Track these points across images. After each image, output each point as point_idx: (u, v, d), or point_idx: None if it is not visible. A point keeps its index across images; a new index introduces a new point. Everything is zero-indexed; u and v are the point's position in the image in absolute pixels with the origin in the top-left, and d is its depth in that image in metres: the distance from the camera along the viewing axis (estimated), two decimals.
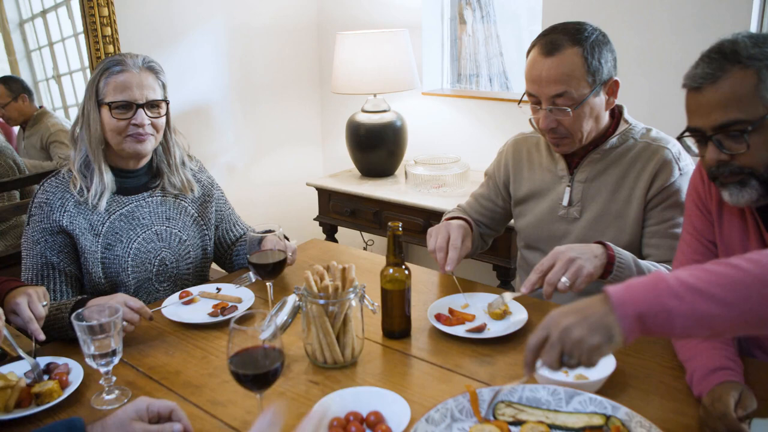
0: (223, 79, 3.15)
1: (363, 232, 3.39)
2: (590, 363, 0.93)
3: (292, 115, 3.48)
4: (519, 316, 1.48)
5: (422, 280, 1.77)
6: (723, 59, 1.13)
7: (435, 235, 1.61)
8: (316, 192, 3.08)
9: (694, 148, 1.24)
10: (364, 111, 2.98)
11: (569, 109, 1.51)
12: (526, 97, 1.61)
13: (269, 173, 3.43)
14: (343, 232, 3.25)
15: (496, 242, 2.42)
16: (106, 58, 1.61)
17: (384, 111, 2.97)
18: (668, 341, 1.37)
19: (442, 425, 1.09)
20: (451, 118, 3.11)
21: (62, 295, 1.61)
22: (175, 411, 1.09)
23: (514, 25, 3.39)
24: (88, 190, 1.61)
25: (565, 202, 1.66)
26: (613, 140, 1.61)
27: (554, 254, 1.39)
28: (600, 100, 1.56)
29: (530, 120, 1.61)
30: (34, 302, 1.35)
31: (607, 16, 2.46)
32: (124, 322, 1.42)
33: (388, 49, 2.84)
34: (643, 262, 1.47)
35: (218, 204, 1.85)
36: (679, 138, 1.25)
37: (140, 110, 1.59)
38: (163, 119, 1.67)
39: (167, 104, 1.67)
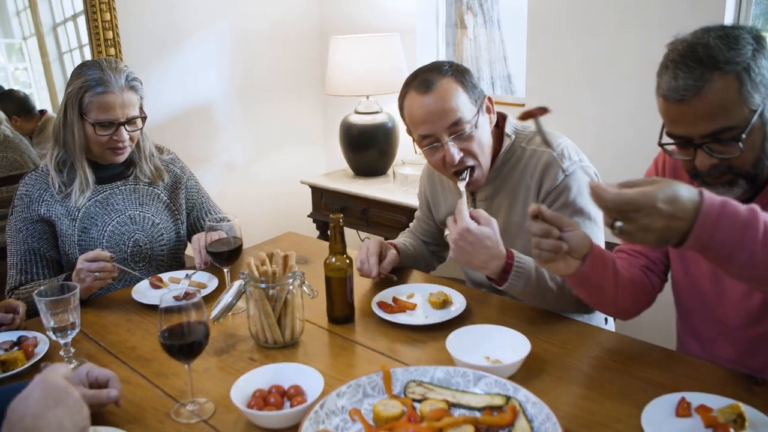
0: (226, 81, 3.29)
1: (359, 231, 3.49)
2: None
3: (293, 115, 3.60)
4: (457, 306, 1.56)
5: None
6: (701, 66, 1.11)
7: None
8: (310, 190, 3.19)
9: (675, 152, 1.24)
10: (356, 112, 3.08)
11: (469, 131, 1.54)
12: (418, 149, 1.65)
13: (270, 171, 3.55)
14: None
15: None
16: (86, 69, 1.71)
17: (376, 112, 3.07)
18: (596, 337, 1.44)
19: (353, 399, 1.18)
20: None
21: (44, 277, 1.76)
22: (112, 379, 1.19)
23: (520, 29, 3.45)
24: (65, 185, 1.75)
25: None
26: (502, 156, 1.65)
27: None
28: (485, 118, 1.60)
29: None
30: None
31: (591, 16, 2.52)
32: (97, 273, 1.59)
33: (379, 52, 2.94)
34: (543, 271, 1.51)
35: (190, 192, 1.97)
36: (661, 145, 1.24)
37: (121, 128, 1.73)
38: (138, 131, 1.80)
39: (144, 118, 1.80)
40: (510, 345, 1.33)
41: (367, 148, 3.07)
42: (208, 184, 3.29)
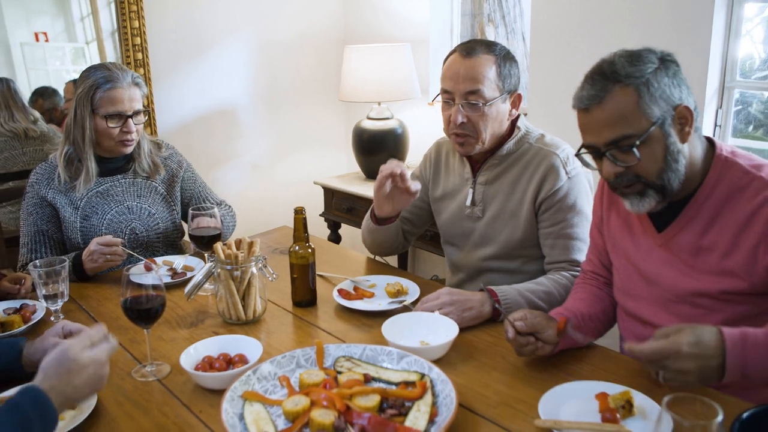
0: (249, 86, 3.49)
1: None
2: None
3: (315, 120, 3.78)
4: (411, 297, 1.68)
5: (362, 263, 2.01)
6: (604, 80, 1.24)
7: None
8: (323, 190, 3.37)
9: (592, 163, 1.37)
10: (368, 118, 3.23)
11: (480, 103, 1.66)
12: (440, 98, 1.76)
13: (291, 173, 3.73)
14: (348, 229, 3.50)
15: None
16: (93, 71, 1.90)
17: (387, 118, 3.21)
18: None
19: (286, 368, 1.32)
20: None
21: (50, 256, 1.95)
22: (85, 331, 1.38)
23: None
24: (71, 179, 1.95)
25: (468, 203, 1.82)
26: (509, 145, 1.75)
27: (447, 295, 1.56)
28: (505, 107, 1.72)
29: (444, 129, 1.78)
30: None
31: (595, 20, 2.58)
32: (108, 256, 1.80)
33: (391, 61, 3.08)
34: (528, 290, 1.62)
35: (186, 183, 2.14)
36: (577, 155, 1.37)
37: (129, 120, 1.92)
38: (143, 124, 1.99)
39: (148, 112, 1.99)
40: (444, 331, 1.45)
41: (378, 152, 3.20)
42: (230, 182, 3.52)
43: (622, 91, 1.22)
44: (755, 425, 0.93)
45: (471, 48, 1.69)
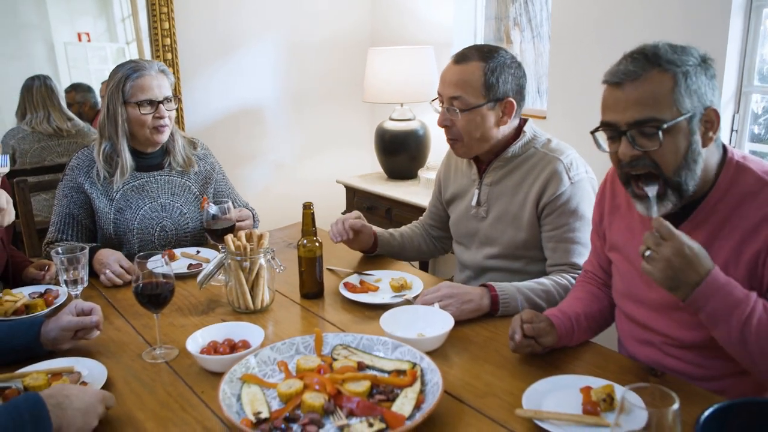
0: (277, 86, 3.58)
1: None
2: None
3: (341, 121, 3.85)
4: (414, 291, 1.73)
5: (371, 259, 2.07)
6: (645, 60, 1.23)
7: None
8: (345, 189, 3.44)
9: (604, 145, 1.34)
10: (391, 119, 3.29)
11: (458, 111, 1.71)
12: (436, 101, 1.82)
13: (316, 172, 3.81)
14: None
15: None
16: (120, 67, 2.00)
17: (409, 119, 3.26)
18: None
19: (286, 354, 1.38)
20: None
21: (76, 241, 2.05)
22: (95, 309, 1.47)
23: None
24: (109, 175, 2.03)
25: (473, 203, 1.86)
26: (515, 149, 1.78)
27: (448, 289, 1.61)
28: (491, 114, 1.73)
29: None
30: None
31: (614, 23, 2.59)
32: (107, 271, 1.85)
33: (413, 63, 3.13)
34: (528, 287, 1.66)
35: (219, 185, 2.23)
36: (593, 132, 1.35)
37: (161, 105, 2.01)
38: (174, 111, 2.08)
39: (178, 99, 2.08)
40: (441, 324, 1.49)
41: (400, 152, 3.26)
42: (255, 180, 3.62)
43: (659, 75, 1.21)
44: (721, 420, 0.95)
45: (464, 55, 1.74)
